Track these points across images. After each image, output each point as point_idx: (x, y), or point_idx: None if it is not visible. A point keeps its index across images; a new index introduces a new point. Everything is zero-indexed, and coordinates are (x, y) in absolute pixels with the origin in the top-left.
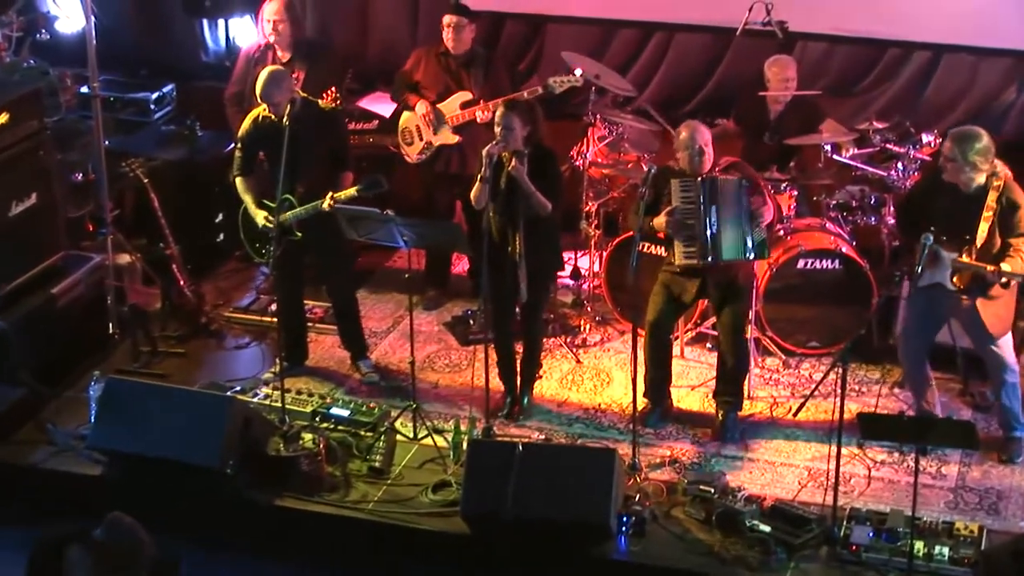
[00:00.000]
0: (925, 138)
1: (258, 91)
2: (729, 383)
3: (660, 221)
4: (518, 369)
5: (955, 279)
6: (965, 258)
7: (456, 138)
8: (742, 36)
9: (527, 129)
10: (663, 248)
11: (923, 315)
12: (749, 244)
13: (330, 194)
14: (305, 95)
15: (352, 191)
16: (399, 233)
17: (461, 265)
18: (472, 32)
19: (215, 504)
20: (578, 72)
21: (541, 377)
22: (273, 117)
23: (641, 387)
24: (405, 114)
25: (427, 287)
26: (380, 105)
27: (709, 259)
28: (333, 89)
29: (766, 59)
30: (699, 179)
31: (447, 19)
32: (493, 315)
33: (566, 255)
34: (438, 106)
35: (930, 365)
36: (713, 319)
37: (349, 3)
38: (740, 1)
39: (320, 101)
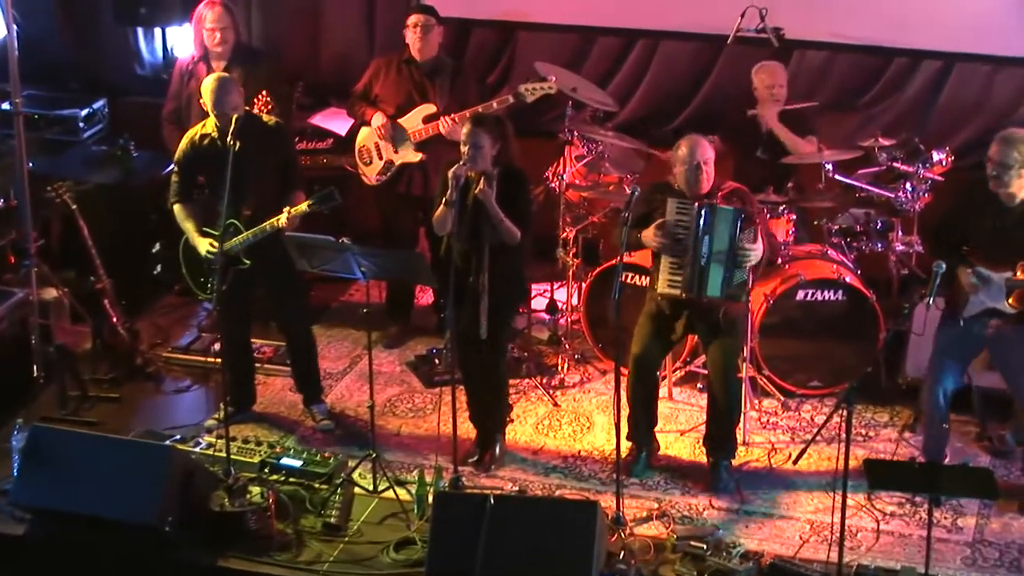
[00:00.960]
0: (936, 156)
1: (208, 102)
2: (720, 428)
3: (649, 233)
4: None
5: (1011, 299)
6: (1021, 274)
7: (419, 156)
8: (734, 44)
9: (496, 147)
10: (648, 278)
11: (959, 349)
12: (727, 282)
13: (287, 209)
14: (247, 108)
15: (303, 207)
16: (356, 263)
17: (425, 298)
18: (439, 36)
19: (152, 566)
20: (552, 78)
21: (512, 421)
22: (213, 135)
23: (625, 430)
24: (362, 131)
25: (388, 323)
26: (334, 122)
27: (693, 292)
28: (264, 94)
29: None
30: (697, 204)
31: (413, 19)
32: (456, 353)
33: (541, 287)
34: (399, 121)
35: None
36: (704, 357)
37: (299, 10)
38: (732, 6)
39: (264, 116)
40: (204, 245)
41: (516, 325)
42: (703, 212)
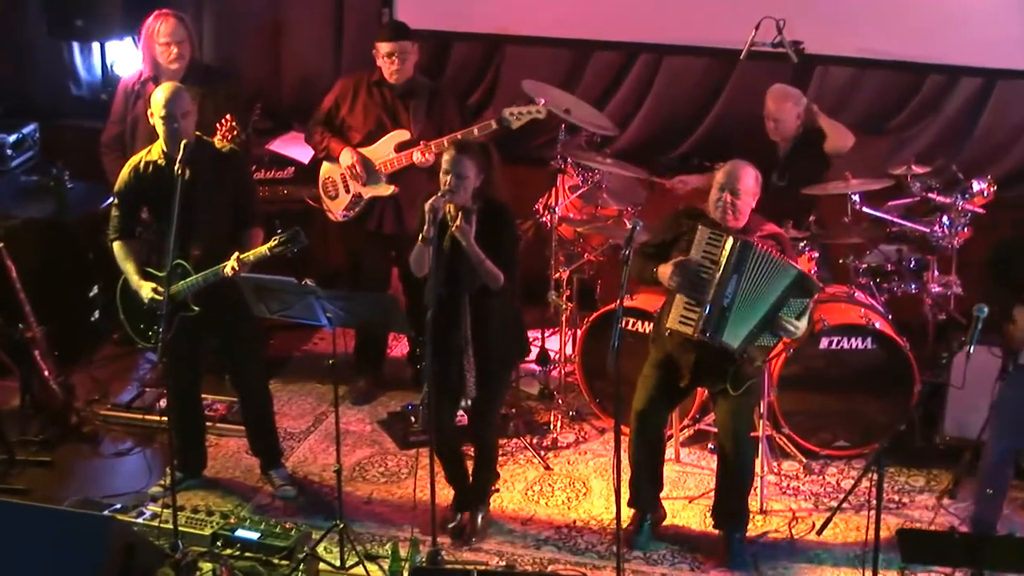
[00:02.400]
0: (976, 185)
1: (160, 109)
2: (731, 495)
3: (666, 269)
4: (470, 477)
5: None
6: None
7: (391, 188)
8: (747, 60)
9: (481, 176)
10: (652, 324)
11: (1020, 402)
12: (750, 338)
13: (235, 255)
14: (198, 133)
15: (263, 249)
16: (321, 308)
17: (399, 348)
18: (416, 57)
19: None
20: (541, 102)
21: (498, 490)
22: (159, 162)
23: (626, 496)
24: (326, 164)
25: (356, 376)
26: (296, 148)
27: (705, 334)
28: (228, 117)
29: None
30: (732, 237)
31: (387, 48)
32: (432, 410)
33: (531, 334)
34: (366, 151)
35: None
36: (714, 414)
37: (257, 24)
38: (745, 17)
39: (216, 140)
40: (146, 289)
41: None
42: (737, 246)
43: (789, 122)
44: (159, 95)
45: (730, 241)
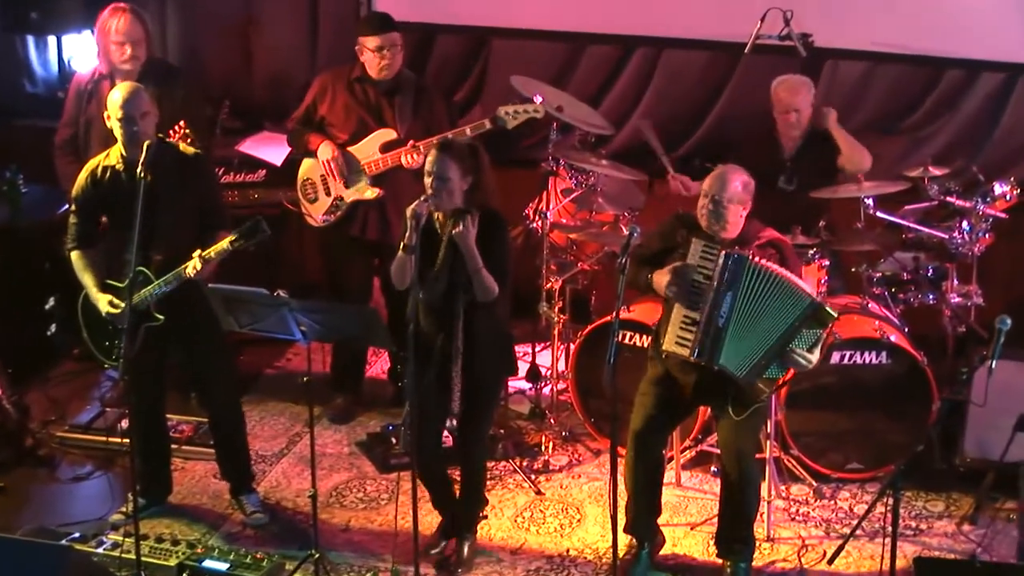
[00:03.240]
0: (998, 188)
1: (117, 111)
2: (736, 521)
3: (663, 276)
4: (457, 500)
5: None
6: None
7: (376, 192)
8: (752, 54)
9: (468, 180)
10: (651, 338)
11: None
12: (755, 367)
13: (197, 253)
14: (160, 135)
15: (224, 244)
16: (295, 321)
17: (379, 364)
18: (402, 51)
19: None
20: (538, 99)
21: (486, 517)
22: (118, 166)
23: (623, 523)
24: (306, 162)
25: (333, 394)
26: (268, 149)
27: (703, 357)
28: (182, 124)
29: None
30: (725, 251)
31: (375, 41)
32: (415, 430)
33: (521, 349)
34: (350, 149)
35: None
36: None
37: (226, 18)
38: (750, 8)
39: (180, 143)
40: (104, 302)
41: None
42: (729, 261)
43: (808, 111)
44: (116, 96)
45: (722, 256)
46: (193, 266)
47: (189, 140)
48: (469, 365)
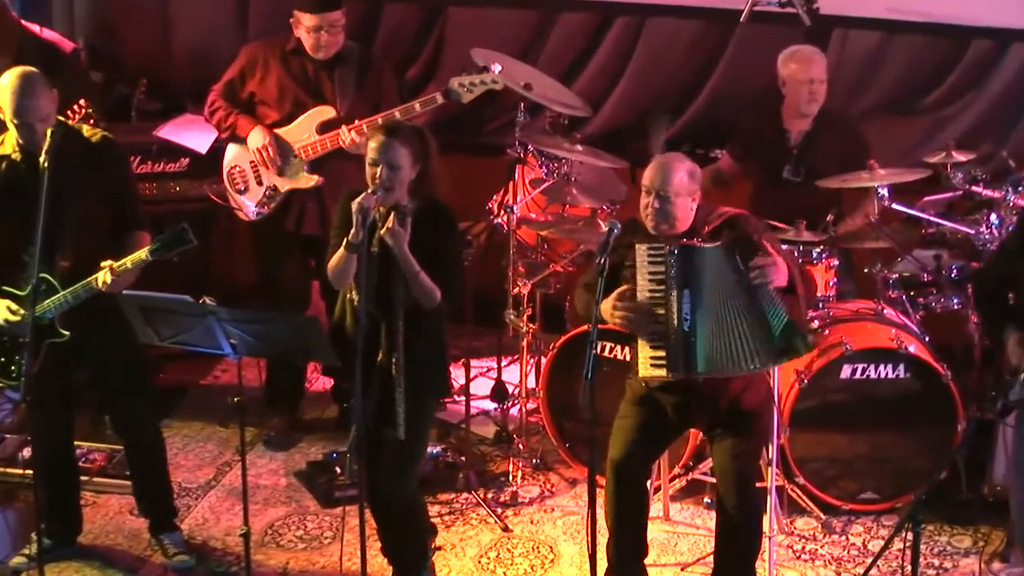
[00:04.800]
0: None
1: (8, 109)
2: (734, 560)
3: (607, 307)
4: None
5: None
6: None
7: (314, 180)
8: (750, 23)
9: (416, 168)
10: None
11: None
12: (752, 344)
13: (108, 263)
14: (63, 119)
15: (142, 254)
16: (223, 333)
17: (320, 381)
18: (344, 29)
19: None
20: (496, 68)
21: (440, 549)
22: (14, 156)
23: (604, 563)
24: (232, 147)
25: (269, 416)
26: (191, 134)
27: (678, 373)
28: (83, 103)
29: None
30: (668, 247)
31: (311, 20)
32: (363, 457)
33: (484, 364)
34: (282, 131)
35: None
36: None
37: None
38: None
39: (85, 129)
40: (1, 310)
41: (439, 421)
42: (676, 258)
43: (825, 83)
44: (3, 85)
45: (668, 253)
46: (103, 279)
47: (92, 121)
48: (410, 382)
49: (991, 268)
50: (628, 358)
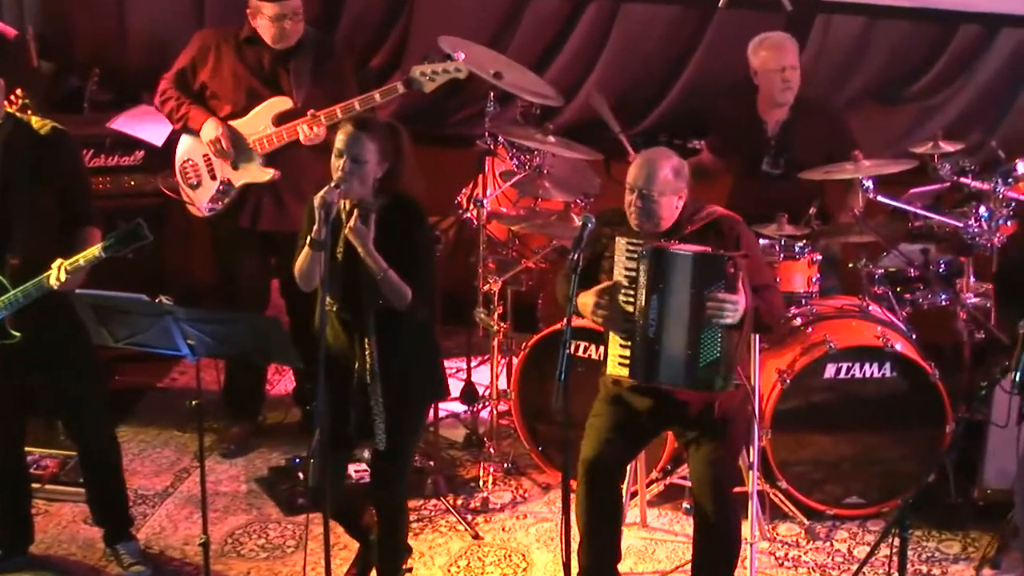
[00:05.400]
0: (1022, 167)
1: None
2: (713, 569)
3: (587, 300)
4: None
5: None
6: None
7: (270, 173)
8: (727, 10)
9: (384, 166)
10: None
11: None
12: (691, 363)
13: (59, 262)
14: (11, 110)
15: (94, 251)
16: (181, 333)
17: (282, 383)
18: (303, 16)
19: None
20: (460, 56)
21: (411, 570)
22: None
23: (576, 570)
24: (185, 138)
25: (228, 421)
26: (147, 126)
27: (641, 376)
28: (19, 93)
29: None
30: (644, 248)
31: (272, 8)
32: (326, 463)
33: (453, 364)
34: (236, 124)
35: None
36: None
37: None
38: None
39: (34, 120)
40: None
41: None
42: (650, 257)
43: (799, 70)
44: None
45: (643, 253)
46: (56, 277)
47: (30, 112)
48: (390, 387)
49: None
50: (603, 358)
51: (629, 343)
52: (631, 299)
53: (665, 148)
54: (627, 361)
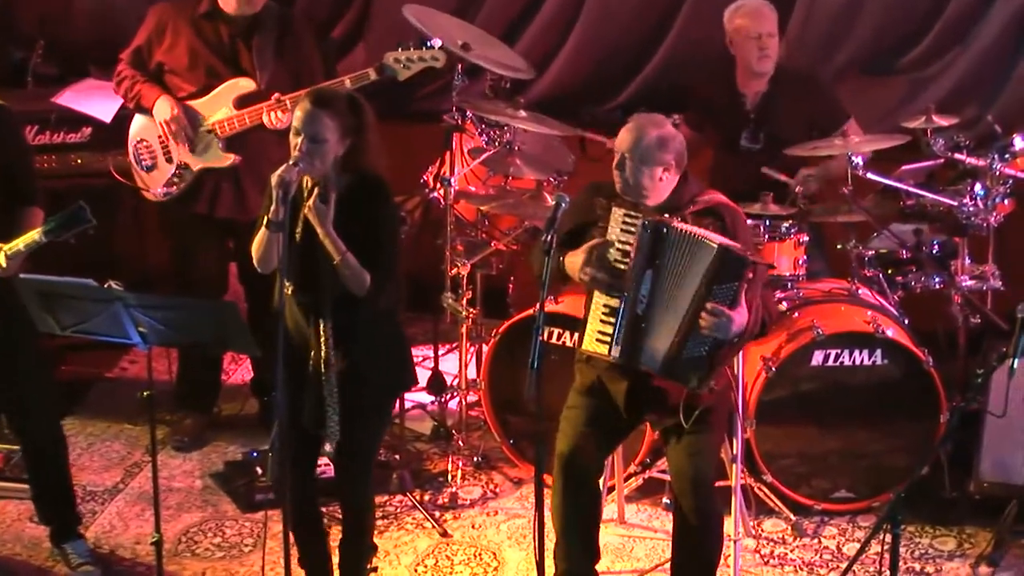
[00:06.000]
0: (1019, 142)
1: None
2: (693, 566)
3: (577, 258)
4: (334, 556)
5: None
6: None
7: (231, 158)
8: None
9: (346, 142)
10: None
11: None
12: (674, 353)
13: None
14: None
15: (34, 235)
16: (131, 321)
17: (239, 373)
18: None
19: None
20: (437, 43)
21: (376, 570)
22: None
23: (552, 569)
24: (139, 119)
25: (182, 413)
26: (95, 101)
27: (623, 356)
28: None
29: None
30: (644, 220)
31: None
32: (283, 459)
33: (419, 352)
34: (195, 104)
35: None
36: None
37: None
38: None
39: None
40: None
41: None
42: (647, 232)
43: (777, 37)
44: None
45: (640, 227)
46: None
47: None
48: (350, 376)
49: None
50: (578, 343)
51: (614, 319)
52: (619, 270)
53: (660, 117)
54: (607, 338)
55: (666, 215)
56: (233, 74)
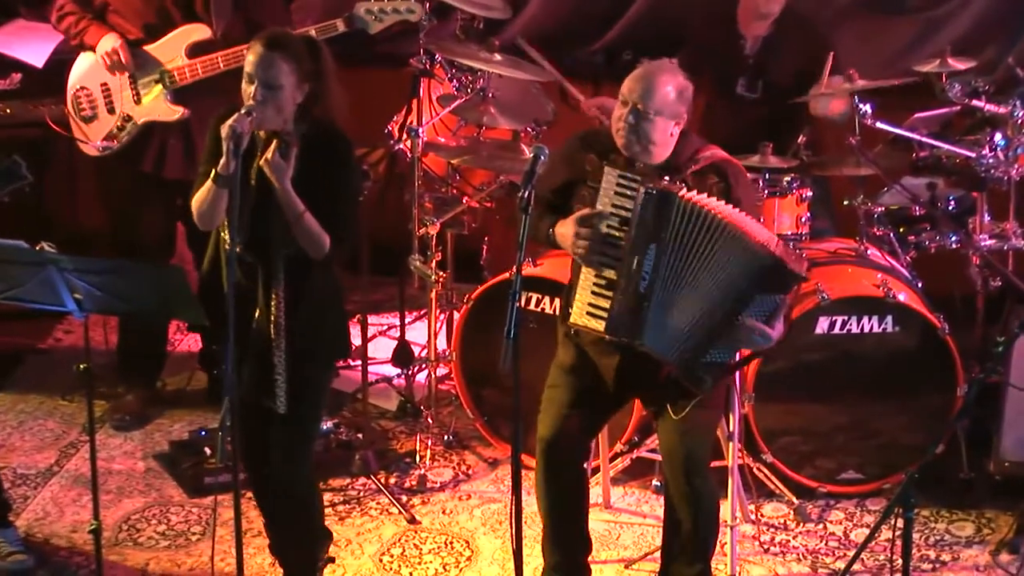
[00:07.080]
0: None
1: None
2: (687, 554)
3: (566, 230)
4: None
5: None
6: None
7: (178, 112)
8: None
9: (305, 88)
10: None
11: None
12: (691, 347)
13: None
14: None
15: None
16: (66, 286)
17: (186, 343)
18: None
19: None
20: None
21: (334, 560)
22: None
23: (534, 561)
24: (81, 62)
25: (122, 387)
26: (25, 45)
27: (621, 334)
28: None
29: None
30: (645, 187)
31: None
32: (240, 438)
33: (383, 320)
34: (146, 49)
35: None
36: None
37: None
38: None
39: None
40: None
41: (331, 391)
42: (651, 201)
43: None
44: None
45: (641, 193)
46: None
47: None
48: (292, 342)
49: None
50: (560, 308)
51: (609, 292)
52: (615, 240)
53: (672, 63)
54: (603, 312)
55: (664, 179)
56: (186, 20)
